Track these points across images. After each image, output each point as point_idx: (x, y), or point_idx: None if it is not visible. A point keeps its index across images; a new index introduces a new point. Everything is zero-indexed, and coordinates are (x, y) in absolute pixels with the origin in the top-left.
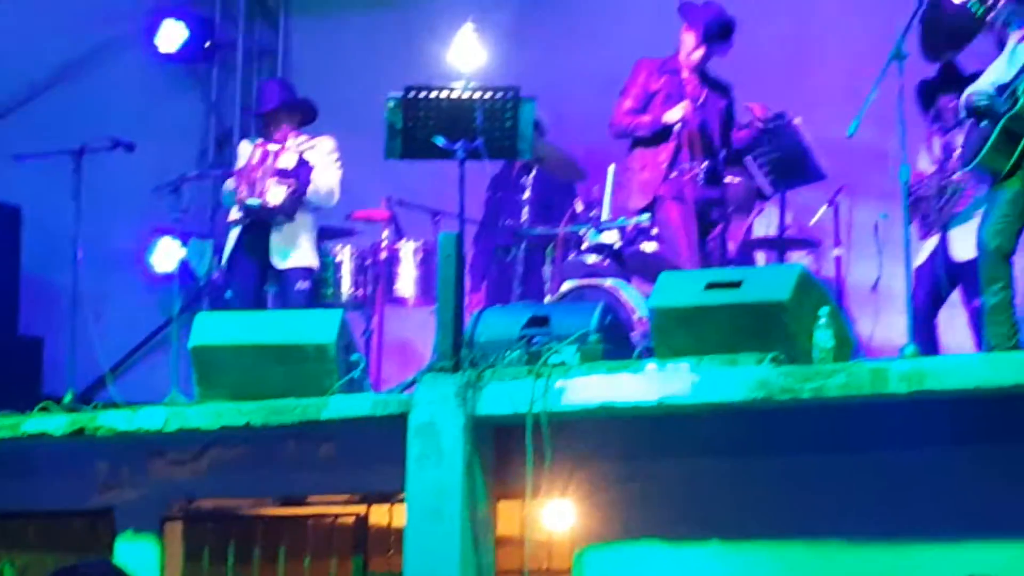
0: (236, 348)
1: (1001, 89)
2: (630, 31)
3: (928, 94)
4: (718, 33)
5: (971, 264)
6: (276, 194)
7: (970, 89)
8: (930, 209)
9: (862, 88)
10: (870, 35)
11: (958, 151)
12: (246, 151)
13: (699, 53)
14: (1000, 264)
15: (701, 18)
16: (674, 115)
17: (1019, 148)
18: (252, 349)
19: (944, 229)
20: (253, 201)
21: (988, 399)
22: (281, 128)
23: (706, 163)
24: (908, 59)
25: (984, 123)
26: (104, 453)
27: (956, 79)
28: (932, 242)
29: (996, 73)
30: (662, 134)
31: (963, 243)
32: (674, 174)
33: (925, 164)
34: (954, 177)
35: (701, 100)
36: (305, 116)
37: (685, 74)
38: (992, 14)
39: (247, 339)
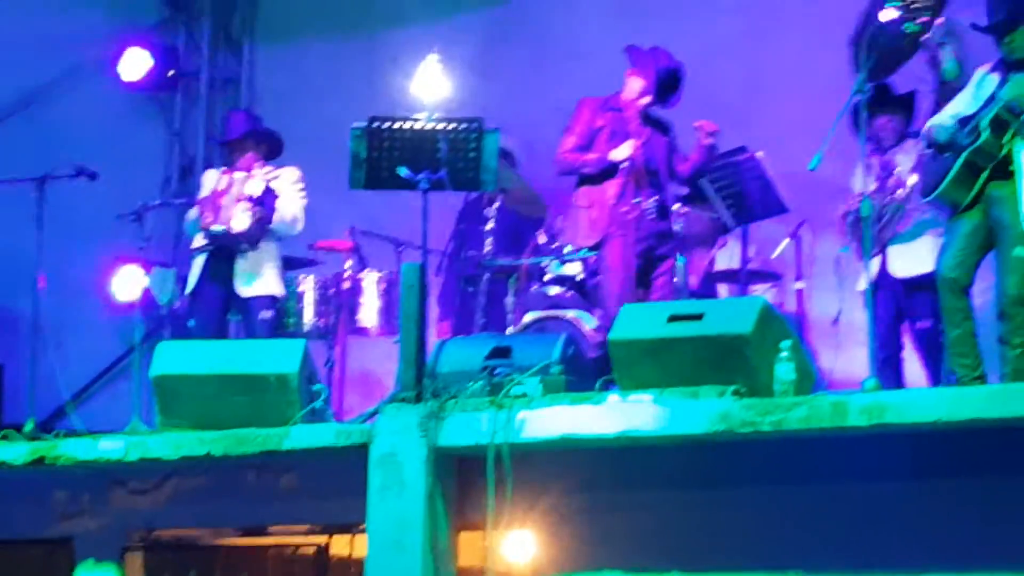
0: (198, 378)
1: (962, 122)
2: (594, 64)
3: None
4: (668, 84)
5: (911, 284)
6: (241, 220)
7: (932, 122)
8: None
9: (824, 122)
10: (832, 69)
11: (899, 169)
12: (211, 180)
13: (646, 101)
14: (959, 297)
15: (650, 65)
16: (621, 153)
17: (980, 181)
18: (214, 379)
19: (883, 248)
20: (218, 228)
21: (949, 433)
22: (246, 157)
23: (655, 198)
24: (840, 79)
25: (946, 154)
26: (64, 482)
27: (889, 100)
28: (876, 262)
29: (961, 105)
30: (608, 171)
31: (902, 261)
32: (624, 209)
33: (860, 185)
34: (896, 195)
35: (645, 139)
36: (271, 148)
37: (629, 113)
38: (926, 34)
39: (209, 368)
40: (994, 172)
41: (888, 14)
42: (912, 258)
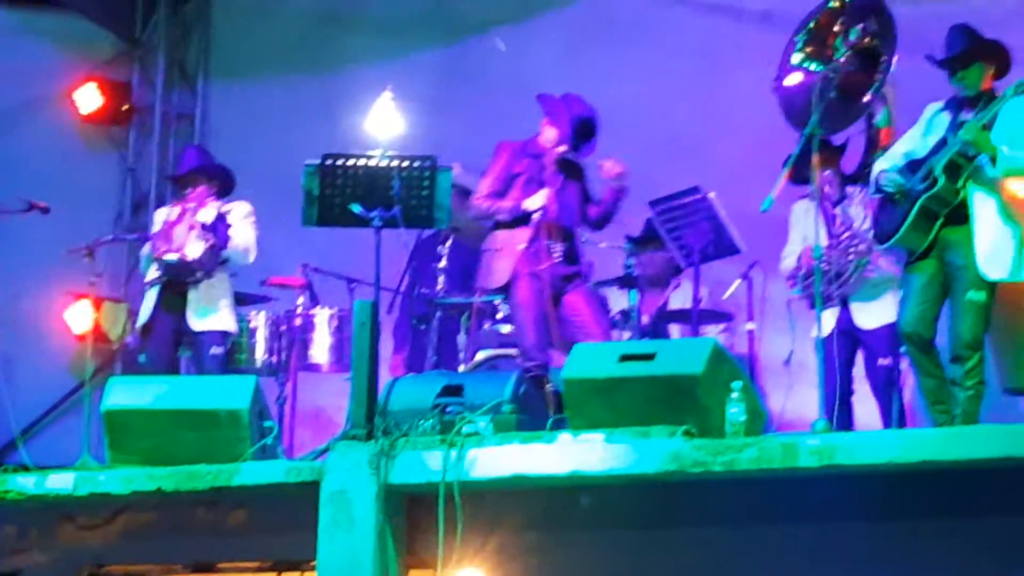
0: (148, 413)
1: (913, 165)
2: None
3: (800, 168)
4: (582, 131)
5: (876, 331)
6: (195, 248)
7: (881, 164)
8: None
9: (777, 163)
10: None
11: (856, 224)
12: (162, 215)
13: (561, 149)
14: (924, 350)
15: (564, 114)
16: (534, 203)
17: (935, 227)
18: (165, 414)
19: (844, 303)
20: (171, 256)
21: (899, 475)
22: (198, 191)
23: (564, 243)
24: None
25: (897, 199)
26: (13, 517)
27: (830, 151)
28: (833, 314)
29: (910, 143)
30: (521, 219)
31: (866, 315)
32: (532, 252)
33: (814, 238)
34: (859, 249)
35: (560, 187)
36: (223, 184)
37: (546, 160)
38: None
39: (160, 404)
40: (949, 217)
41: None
42: (876, 313)
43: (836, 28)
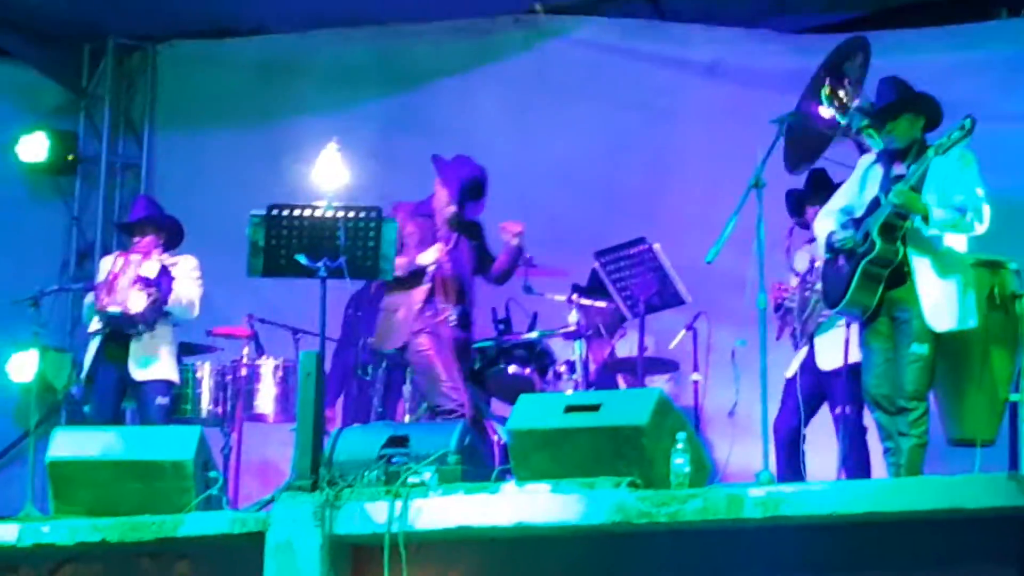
0: (93, 463)
1: (855, 222)
2: (491, 156)
3: (797, 203)
4: (471, 191)
5: (836, 373)
6: (137, 301)
7: (822, 221)
8: (796, 321)
9: (722, 214)
10: (730, 163)
11: (818, 263)
12: (107, 264)
13: (451, 210)
14: (891, 413)
15: (454, 176)
16: (427, 257)
17: (880, 287)
18: (109, 465)
19: (810, 340)
20: (114, 309)
21: (845, 526)
22: (145, 241)
23: (457, 307)
24: (739, 172)
25: (839, 262)
26: None
27: (824, 187)
28: (802, 353)
29: (846, 197)
30: (416, 276)
31: (827, 353)
32: (428, 313)
33: (792, 276)
34: (815, 288)
35: (452, 244)
36: (171, 236)
37: (438, 219)
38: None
39: (104, 455)
40: (892, 276)
41: (825, 111)
42: (833, 353)
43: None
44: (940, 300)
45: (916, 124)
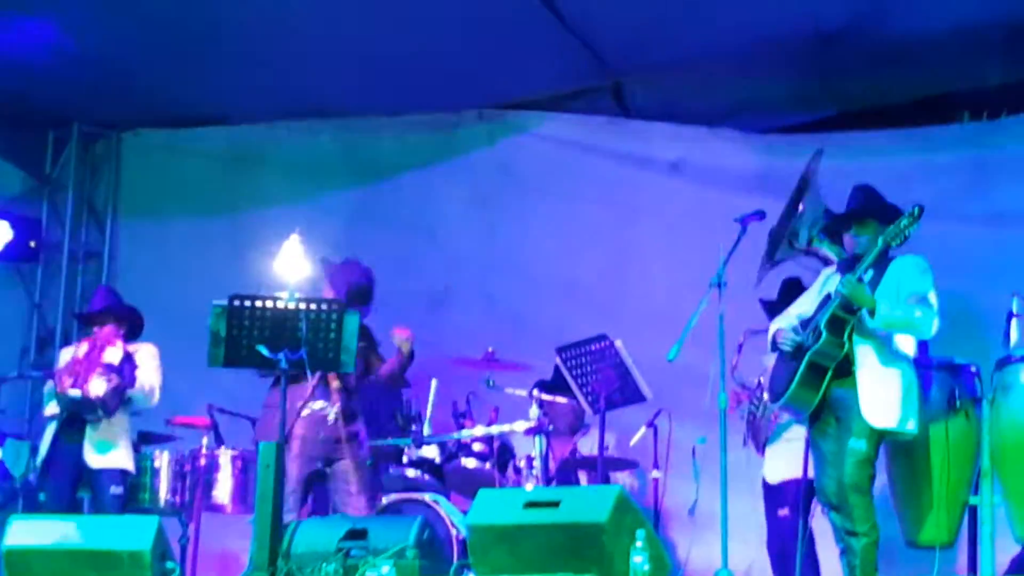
0: (49, 553)
1: (805, 323)
2: (453, 249)
3: (771, 310)
4: (358, 297)
5: (778, 486)
6: (98, 386)
7: (777, 323)
8: (758, 427)
9: (684, 312)
10: (692, 261)
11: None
12: (67, 355)
13: None
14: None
15: (342, 280)
16: None
17: (824, 382)
18: (66, 554)
19: (762, 450)
20: (74, 392)
21: None
22: (106, 330)
23: (337, 405)
24: (700, 270)
25: (791, 357)
26: None
27: (798, 295)
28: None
29: (805, 305)
30: (300, 375)
31: (771, 468)
32: (306, 412)
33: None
34: (763, 397)
35: None
36: (132, 326)
37: None
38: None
39: (61, 544)
40: (837, 372)
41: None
42: (773, 464)
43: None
44: (879, 397)
45: (880, 232)
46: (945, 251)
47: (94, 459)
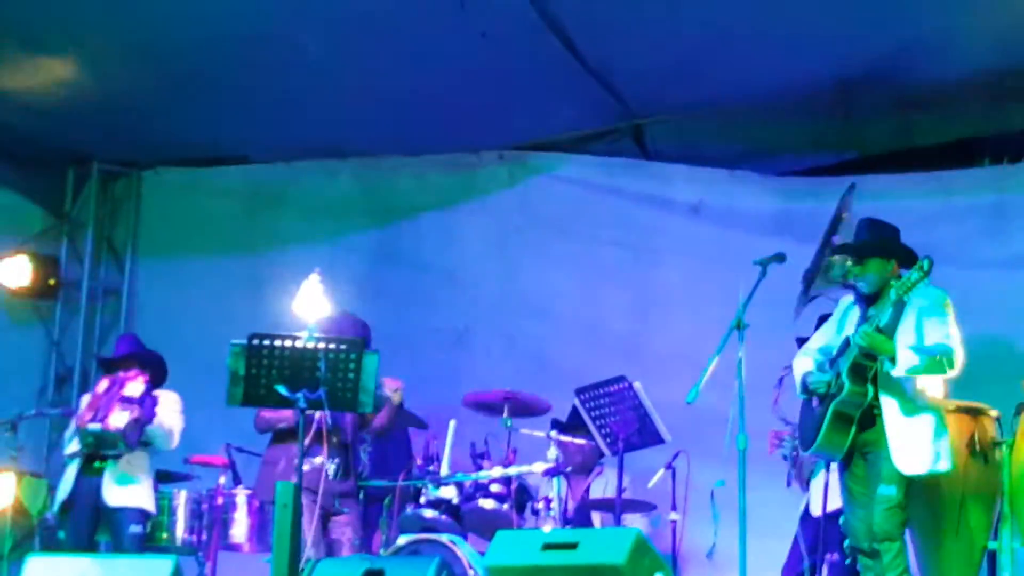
0: None
1: (832, 363)
2: (474, 288)
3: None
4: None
5: (828, 518)
6: (119, 419)
7: (800, 362)
8: (802, 464)
9: (704, 354)
10: (712, 303)
11: None
12: (88, 398)
13: None
14: (874, 556)
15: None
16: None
17: (852, 430)
18: None
19: (807, 485)
20: (94, 426)
21: None
22: (130, 372)
23: (337, 460)
24: (721, 311)
25: (814, 404)
26: None
27: None
28: (804, 500)
29: (825, 338)
30: (295, 430)
31: (817, 498)
32: (306, 467)
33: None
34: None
35: None
36: (155, 373)
37: None
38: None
39: None
40: (864, 418)
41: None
42: (816, 496)
43: None
44: (908, 443)
45: (887, 267)
46: (966, 294)
47: (114, 496)
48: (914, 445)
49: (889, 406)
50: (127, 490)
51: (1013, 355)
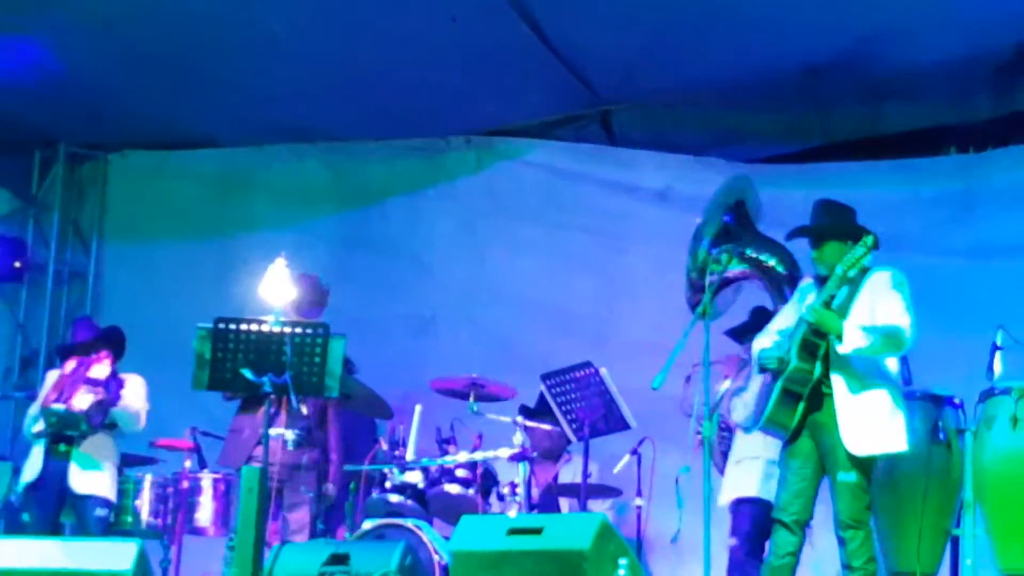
0: (30, 575)
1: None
2: (441, 272)
3: (739, 337)
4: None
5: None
6: (83, 400)
7: (760, 342)
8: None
9: (670, 340)
10: (678, 289)
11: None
12: (54, 376)
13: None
14: (792, 531)
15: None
16: None
17: (800, 406)
18: None
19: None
20: (58, 407)
21: None
22: (100, 354)
23: (297, 430)
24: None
25: (769, 381)
26: None
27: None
28: None
29: (784, 320)
30: (261, 399)
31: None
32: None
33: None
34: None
35: None
36: (117, 350)
37: None
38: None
39: (42, 566)
40: (813, 397)
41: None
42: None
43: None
44: (858, 423)
45: (844, 250)
46: (931, 282)
47: (79, 483)
48: (865, 425)
49: (839, 386)
50: (92, 477)
51: (978, 343)
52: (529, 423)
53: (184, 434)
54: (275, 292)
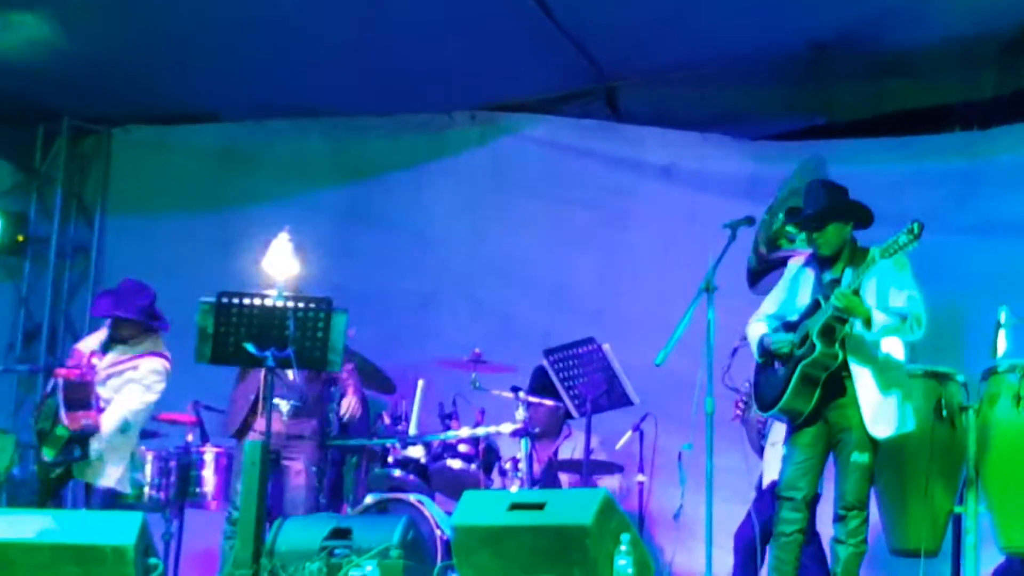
0: (31, 547)
1: (788, 325)
2: (444, 248)
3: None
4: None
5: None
6: (74, 422)
7: (754, 327)
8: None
9: (673, 316)
10: (682, 265)
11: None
12: (93, 343)
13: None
14: (798, 508)
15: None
16: None
17: (816, 393)
18: (48, 548)
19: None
20: (61, 430)
21: None
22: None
23: (292, 400)
24: (690, 274)
25: (775, 364)
26: None
27: None
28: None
29: (776, 303)
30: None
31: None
32: (260, 408)
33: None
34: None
35: None
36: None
37: None
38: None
39: (43, 538)
40: (829, 381)
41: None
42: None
43: None
44: (880, 408)
45: (844, 230)
46: (935, 260)
47: (89, 473)
48: (884, 410)
49: (860, 372)
50: (103, 474)
51: (981, 321)
52: (531, 398)
53: (186, 408)
54: (278, 267)
